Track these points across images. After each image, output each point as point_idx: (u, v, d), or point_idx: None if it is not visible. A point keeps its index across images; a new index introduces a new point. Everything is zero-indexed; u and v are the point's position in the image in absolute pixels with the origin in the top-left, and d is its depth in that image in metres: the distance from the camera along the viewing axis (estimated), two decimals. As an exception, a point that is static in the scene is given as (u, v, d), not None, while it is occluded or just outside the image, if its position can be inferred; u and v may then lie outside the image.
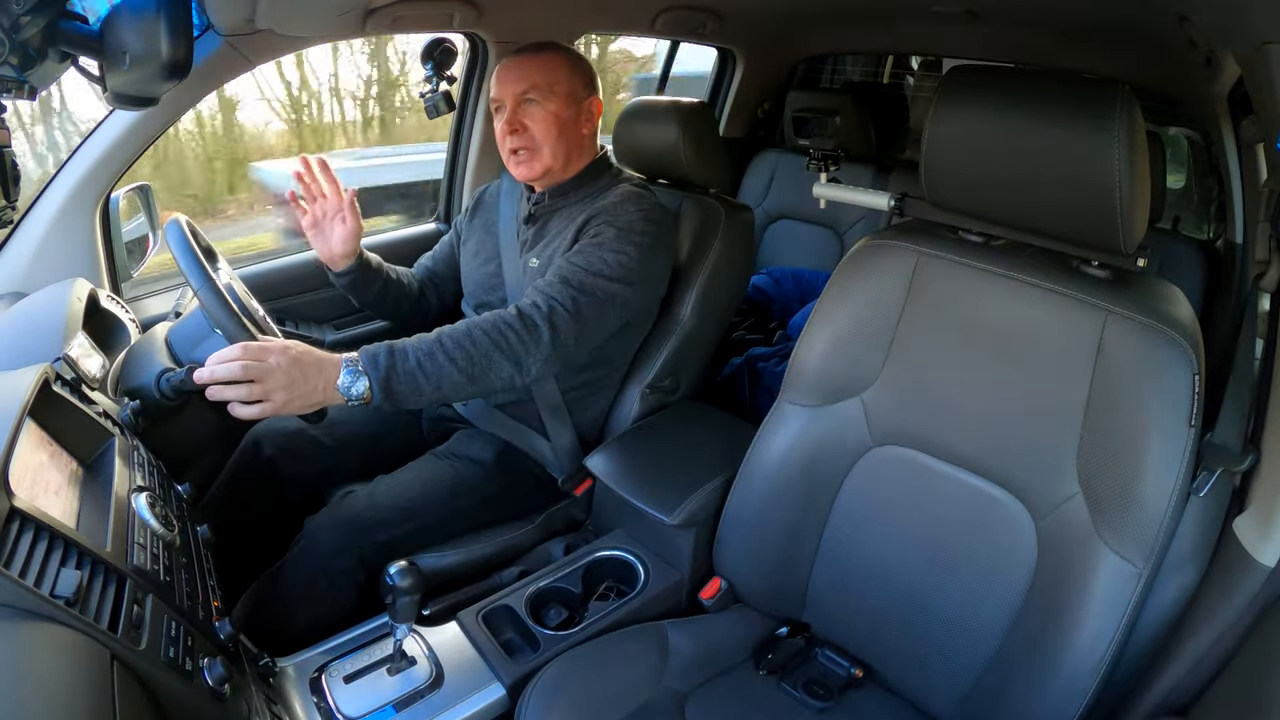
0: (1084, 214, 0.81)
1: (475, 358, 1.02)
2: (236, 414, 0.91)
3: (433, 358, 1.00)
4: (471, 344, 1.03)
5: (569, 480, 1.32)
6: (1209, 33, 1.11)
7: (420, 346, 1.01)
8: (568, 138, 1.24)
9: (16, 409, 0.67)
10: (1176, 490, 0.79)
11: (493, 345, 1.04)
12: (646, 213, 1.21)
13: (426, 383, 1.00)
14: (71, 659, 0.53)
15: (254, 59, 1.32)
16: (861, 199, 1.35)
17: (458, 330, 1.04)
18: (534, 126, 1.22)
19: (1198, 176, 1.96)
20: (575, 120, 1.25)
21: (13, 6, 0.68)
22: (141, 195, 1.39)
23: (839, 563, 1.03)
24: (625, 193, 1.25)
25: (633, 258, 1.16)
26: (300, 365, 0.93)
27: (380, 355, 0.98)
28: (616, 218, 1.19)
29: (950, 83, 0.88)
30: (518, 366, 1.06)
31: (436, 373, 1.00)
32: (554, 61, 1.23)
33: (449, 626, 1.05)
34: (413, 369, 0.99)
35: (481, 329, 1.04)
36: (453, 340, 1.02)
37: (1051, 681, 0.84)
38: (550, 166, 1.24)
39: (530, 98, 1.22)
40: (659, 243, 1.22)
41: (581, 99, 1.26)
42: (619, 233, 1.17)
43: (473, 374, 1.02)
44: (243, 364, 0.89)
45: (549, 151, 1.23)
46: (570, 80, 1.24)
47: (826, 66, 2.72)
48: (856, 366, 1.00)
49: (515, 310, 1.08)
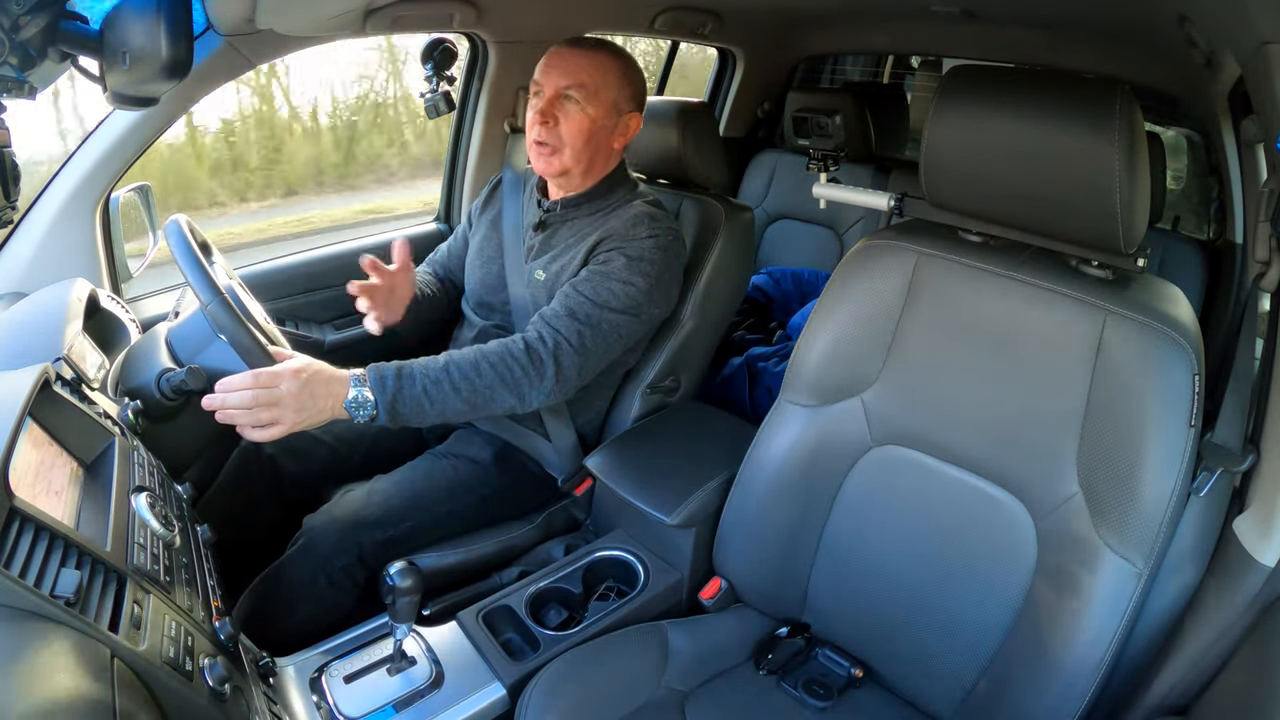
0: (1084, 214, 0.81)
1: (479, 389, 1.05)
2: (248, 437, 0.93)
3: (439, 385, 1.03)
4: (477, 375, 1.05)
5: (569, 480, 1.32)
6: (1209, 33, 1.11)
7: (428, 373, 1.03)
8: (595, 145, 1.20)
9: (16, 409, 0.67)
10: (1176, 490, 0.79)
11: (498, 379, 1.06)
12: (658, 239, 1.18)
13: (430, 408, 1.03)
14: (71, 659, 0.53)
15: (254, 59, 1.32)
16: (861, 199, 1.35)
17: (465, 360, 1.06)
18: (565, 125, 1.18)
19: (1198, 176, 1.96)
20: (610, 131, 1.21)
21: (13, 6, 0.68)
22: (141, 195, 1.39)
23: (839, 563, 1.03)
24: (639, 213, 1.21)
25: (640, 289, 1.15)
26: (310, 388, 0.95)
27: (389, 378, 1.00)
28: (628, 243, 1.17)
29: (950, 83, 0.88)
30: (520, 399, 1.09)
31: (441, 399, 1.03)
32: (607, 65, 1.19)
33: (449, 626, 1.05)
34: (418, 395, 1.01)
35: (489, 361, 1.06)
36: (459, 370, 1.05)
37: (1051, 681, 0.84)
38: (569, 169, 1.21)
39: (571, 95, 1.17)
40: (668, 272, 1.21)
41: (623, 111, 1.22)
42: (629, 262, 1.15)
43: (475, 403, 1.06)
44: (253, 394, 0.91)
45: (570, 155, 1.19)
46: (618, 89, 1.20)
47: (826, 66, 2.72)
48: (856, 366, 1.00)
49: (523, 344, 1.09)
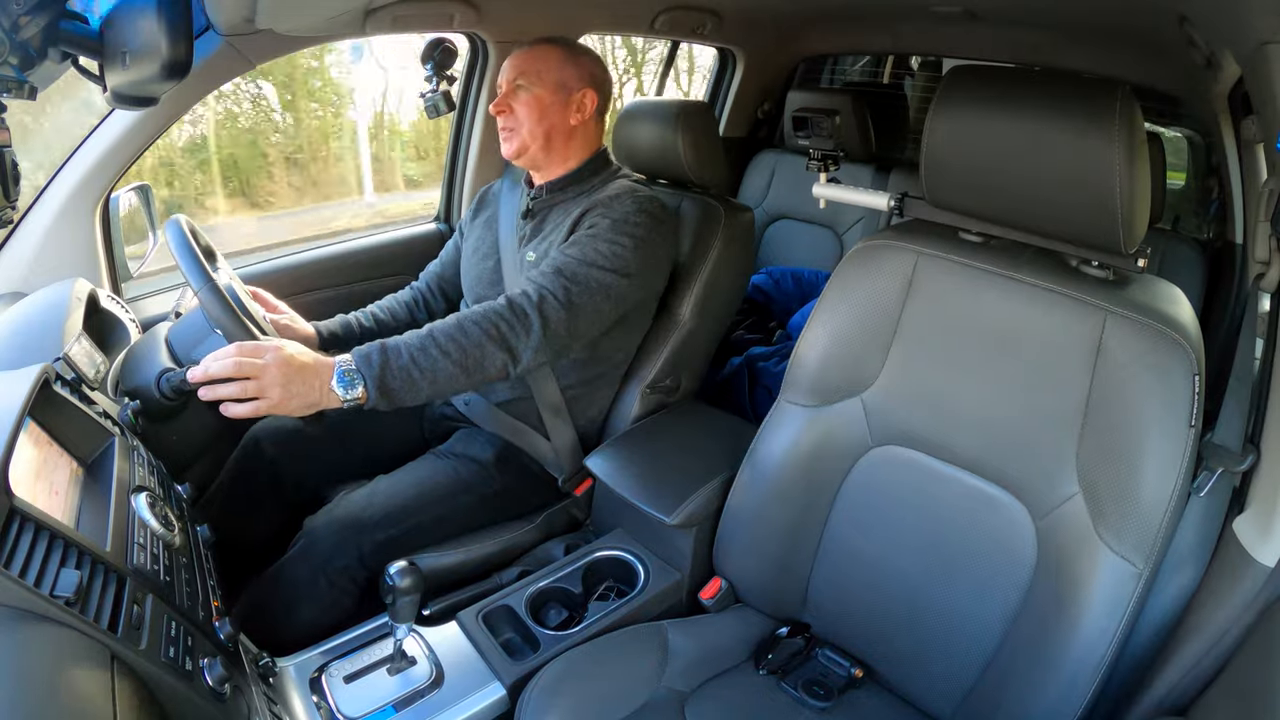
0: (1084, 214, 0.81)
1: (468, 349, 1.03)
2: (229, 412, 0.91)
3: (425, 351, 1.01)
4: (463, 335, 1.04)
5: (569, 480, 1.32)
6: (1209, 33, 1.11)
7: (412, 342, 1.02)
8: (549, 122, 1.26)
9: (16, 409, 0.67)
10: (1176, 490, 0.78)
11: (484, 335, 1.05)
12: (641, 204, 1.22)
13: (421, 378, 1.00)
14: (71, 659, 0.53)
15: (254, 59, 1.32)
16: (861, 199, 1.35)
17: (448, 323, 1.05)
18: (518, 108, 1.26)
19: (1198, 177, 1.95)
20: (561, 107, 1.27)
21: (13, 6, 0.68)
22: (141, 195, 1.39)
23: (839, 563, 1.03)
24: (622, 187, 1.27)
25: (627, 248, 1.17)
26: (294, 364, 0.93)
27: (373, 354, 0.99)
28: (611, 209, 1.21)
29: (950, 83, 0.88)
30: (510, 354, 1.07)
31: (430, 366, 1.00)
32: (547, 52, 1.27)
33: (449, 626, 1.05)
34: (406, 365, 0.99)
35: (472, 320, 1.06)
36: (444, 333, 1.03)
37: (1051, 681, 0.83)
38: (527, 145, 1.27)
39: (519, 84, 1.26)
40: (655, 235, 1.23)
41: (572, 89, 1.27)
42: (614, 224, 1.18)
43: (466, 365, 1.03)
44: (235, 361, 0.90)
45: (526, 132, 1.26)
46: (560, 70, 1.27)
47: (826, 66, 2.71)
48: (856, 366, 1.00)
49: (505, 300, 1.09)
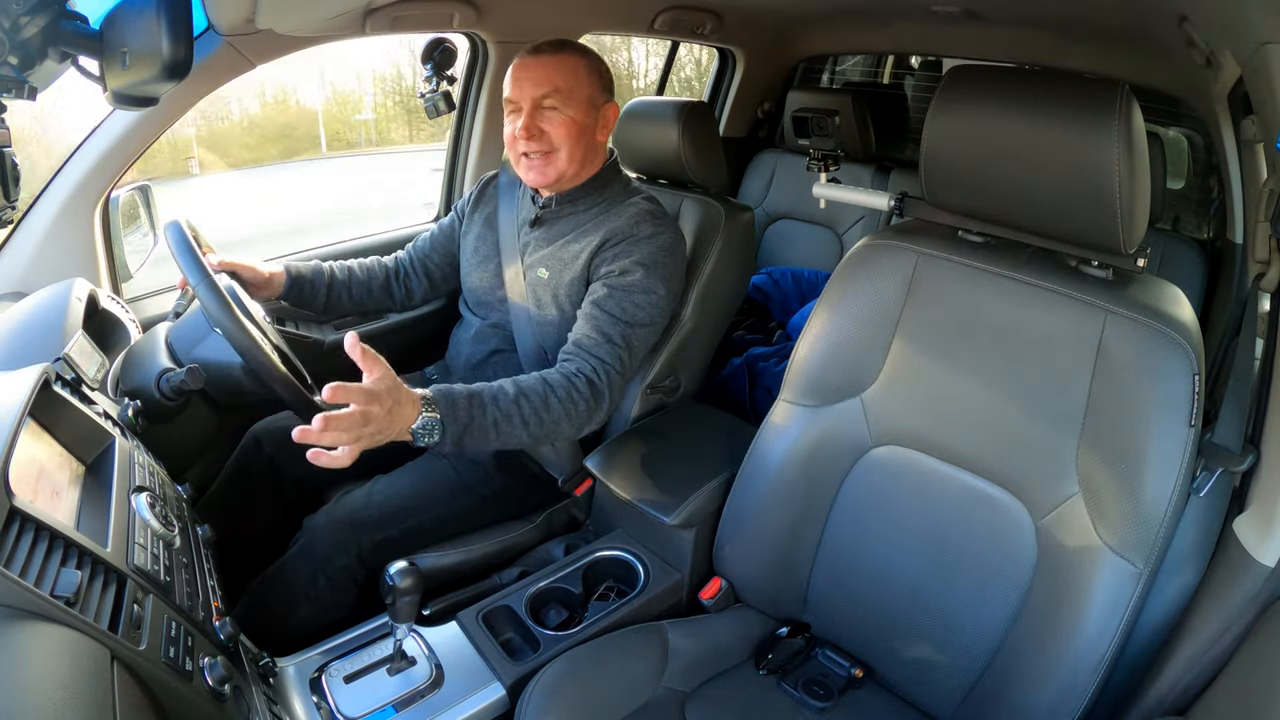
0: (1084, 214, 0.81)
1: (546, 424, 1.05)
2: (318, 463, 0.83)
3: (510, 420, 1.01)
4: (546, 411, 1.04)
5: (569, 480, 1.32)
6: (1209, 33, 1.11)
7: (499, 404, 1.00)
8: (584, 144, 1.21)
9: (17, 409, 0.67)
10: (1176, 490, 0.78)
11: (564, 414, 1.06)
12: (663, 238, 1.19)
13: (496, 439, 1.01)
14: (71, 659, 0.53)
15: (254, 59, 1.32)
16: (861, 199, 1.35)
17: (534, 394, 1.04)
18: (552, 131, 1.18)
19: (1198, 176, 1.95)
20: (593, 127, 1.22)
21: (13, 6, 0.68)
22: (141, 195, 1.39)
23: (839, 563, 1.03)
24: (640, 212, 1.21)
25: (662, 296, 1.18)
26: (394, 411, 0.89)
27: (459, 406, 0.96)
28: (636, 245, 1.17)
29: (950, 83, 0.88)
30: (577, 430, 1.11)
31: (509, 432, 1.01)
32: (575, 65, 1.20)
33: (449, 626, 1.05)
34: (488, 426, 0.99)
35: (557, 397, 1.06)
36: (530, 406, 1.03)
37: (1051, 681, 0.83)
38: (564, 173, 1.21)
39: (550, 104, 1.17)
40: (678, 267, 1.24)
41: (599, 104, 1.23)
42: (647, 272, 1.16)
43: (539, 436, 1.05)
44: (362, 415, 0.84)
45: (565, 157, 1.19)
46: (590, 85, 1.21)
47: (826, 66, 2.72)
48: (856, 366, 1.00)
49: (584, 380, 1.09)
